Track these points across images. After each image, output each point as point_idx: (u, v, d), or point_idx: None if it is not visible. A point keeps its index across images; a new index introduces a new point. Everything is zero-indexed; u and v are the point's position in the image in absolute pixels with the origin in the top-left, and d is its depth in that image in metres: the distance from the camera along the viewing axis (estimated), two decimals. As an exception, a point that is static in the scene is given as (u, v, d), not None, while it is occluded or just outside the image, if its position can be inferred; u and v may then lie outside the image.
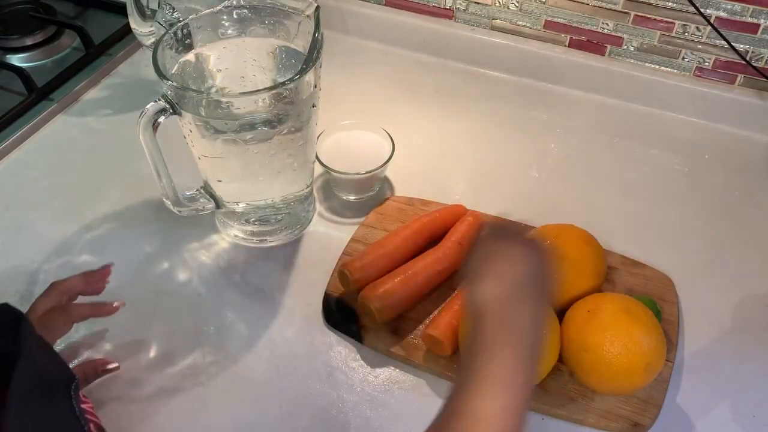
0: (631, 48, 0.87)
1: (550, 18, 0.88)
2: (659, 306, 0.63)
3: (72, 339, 0.63)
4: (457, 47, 0.93)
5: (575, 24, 0.88)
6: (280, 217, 0.72)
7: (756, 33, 0.80)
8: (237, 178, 0.67)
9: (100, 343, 0.63)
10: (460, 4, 0.92)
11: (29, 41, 0.92)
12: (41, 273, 0.69)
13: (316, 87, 0.63)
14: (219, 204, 0.69)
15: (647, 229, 0.74)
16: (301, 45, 0.65)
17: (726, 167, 0.81)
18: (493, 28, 0.92)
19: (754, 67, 0.82)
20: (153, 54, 0.60)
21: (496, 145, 0.84)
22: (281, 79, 0.64)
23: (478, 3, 0.91)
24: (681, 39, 0.84)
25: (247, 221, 0.71)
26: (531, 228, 0.66)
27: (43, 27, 0.94)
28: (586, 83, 0.90)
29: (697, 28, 0.82)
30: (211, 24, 0.65)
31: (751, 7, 0.78)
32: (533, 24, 0.90)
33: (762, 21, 0.79)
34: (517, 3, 0.89)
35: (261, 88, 0.59)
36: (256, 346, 0.64)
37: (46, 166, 0.80)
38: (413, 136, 0.83)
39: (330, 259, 0.69)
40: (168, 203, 0.66)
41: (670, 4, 0.81)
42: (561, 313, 0.60)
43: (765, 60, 0.82)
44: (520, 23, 0.90)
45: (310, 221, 0.74)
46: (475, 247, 0.48)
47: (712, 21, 0.80)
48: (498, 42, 0.91)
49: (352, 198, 0.76)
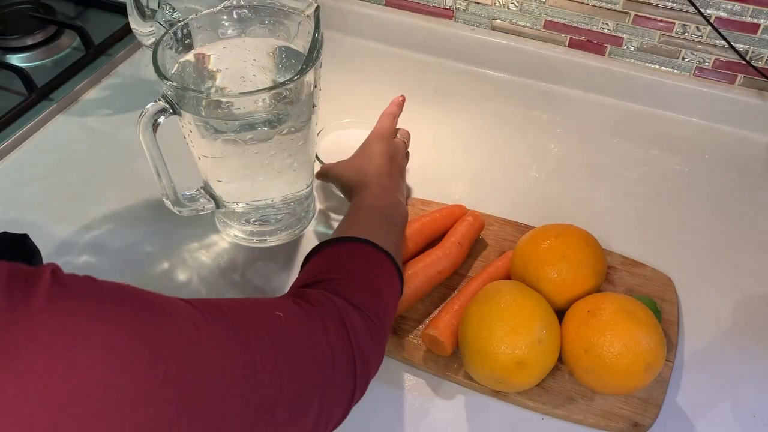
0: (631, 48, 0.87)
1: (550, 18, 0.88)
2: (659, 306, 0.63)
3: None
4: (457, 47, 0.93)
5: (575, 24, 0.88)
6: (280, 217, 0.72)
7: (756, 33, 0.80)
8: (237, 178, 0.67)
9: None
10: (460, 4, 0.92)
11: (29, 41, 0.92)
12: (41, 273, 0.69)
13: (316, 87, 0.63)
14: (219, 204, 0.69)
15: (647, 229, 0.74)
16: (301, 45, 0.65)
17: (726, 167, 0.81)
18: (493, 28, 0.92)
19: (754, 67, 0.82)
20: (153, 54, 0.60)
21: (496, 145, 0.84)
22: (281, 79, 0.64)
23: (478, 3, 0.91)
24: (681, 39, 0.84)
25: (247, 221, 0.71)
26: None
27: (43, 27, 0.94)
28: (586, 83, 0.90)
29: (697, 28, 0.82)
30: (211, 24, 0.65)
31: (751, 7, 0.78)
32: (533, 24, 0.90)
33: (762, 21, 0.79)
34: (517, 3, 0.89)
35: (261, 88, 0.59)
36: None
37: (46, 166, 0.80)
38: (413, 136, 0.83)
39: (330, 259, 0.69)
40: (168, 203, 0.66)
41: (670, 4, 0.81)
42: (561, 313, 0.60)
43: (765, 60, 0.82)
44: (520, 23, 0.90)
45: (310, 221, 0.74)
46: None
47: (712, 21, 0.80)
48: (498, 42, 0.91)
49: None
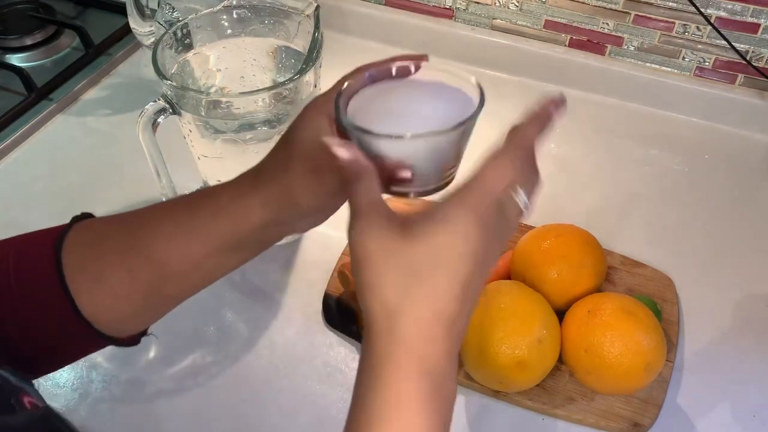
0: (632, 48, 0.87)
1: (550, 18, 0.88)
2: (659, 306, 0.63)
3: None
4: (458, 47, 0.93)
5: (575, 24, 0.87)
6: (279, 217, 0.71)
7: (756, 33, 0.80)
8: (237, 178, 0.67)
9: (99, 344, 0.63)
10: (460, 3, 0.91)
11: (29, 41, 0.92)
12: (41, 273, 0.69)
13: (315, 87, 0.63)
14: (219, 204, 0.69)
15: (647, 229, 0.74)
16: (301, 45, 0.65)
17: (726, 167, 0.81)
18: (493, 27, 0.92)
19: (754, 67, 0.82)
20: (152, 54, 0.60)
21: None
22: (281, 79, 0.64)
23: (478, 3, 0.91)
24: (681, 39, 0.84)
25: (247, 221, 0.71)
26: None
27: (43, 27, 0.93)
28: (586, 83, 0.90)
29: (698, 27, 0.82)
30: (211, 24, 0.65)
31: (752, 7, 0.78)
32: (533, 24, 0.90)
33: (762, 21, 0.79)
34: (517, 3, 0.89)
35: (261, 87, 0.58)
36: (255, 346, 0.64)
37: (45, 166, 0.80)
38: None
39: (330, 259, 0.69)
40: (167, 203, 0.66)
41: (670, 3, 0.81)
42: (561, 313, 0.60)
43: (765, 60, 0.82)
44: (520, 23, 0.90)
45: (309, 221, 0.74)
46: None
47: (712, 21, 0.80)
48: (498, 42, 0.91)
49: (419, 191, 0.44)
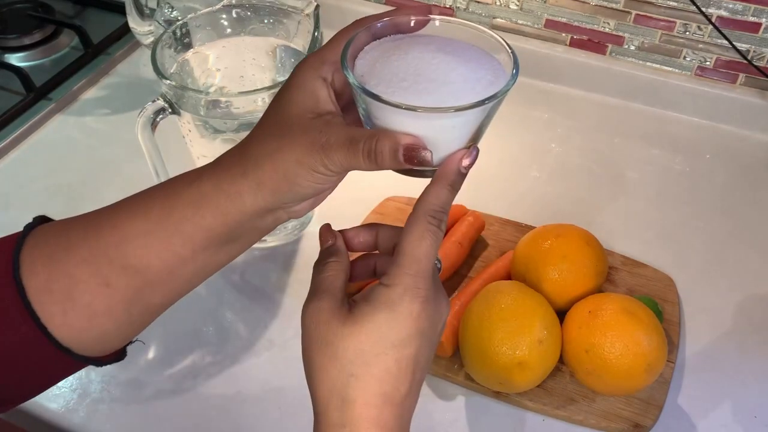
0: (632, 47, 0.87)
1: (550, 17, 0.88)
2: (660, 306, 0.63)
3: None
4: (458, 46, 0.93)
5: (576, 23, 0.87)
6: (279, 217, 0.71)
7: (757, 32, 0.80)
8: (236, 177, 0.67)
9: (98, 344, 0.63)
10: (460, 3, 0.91)
11: (27, 41, 0.92)
12: (39, 273, 0.68)
13: (315, 86, 0.62)
14: (218, 204, 0.68)
15: (648, 229, 0.74)
16: (301, 44, 0.64)
17: (727, 167, 0.81)
18: (494, 27, 0.92)
19: (755, 67, 0.82)
20: (152, 53, 0.59)
21: (496, 145, 0.83)
22: (281, 79, 0.64)
23: (478, 2, 0.90)
24: (682, 38, 0.83)
25: (247, 221, 0.71)
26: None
27: (42, 26, 0.93)
28: (587, 82, 0.89)
29: (699, 27, 0.82)
30: (210, 23, 0.65)
31: (753, 6, 0.78)
32: (534, 23, 0.89)
33: (763, 20, 0.78)
34: (518, 2, 0.88)
35: (260, 87, 0.58)
36: (255, 346, 0.63)
37: (44, 165, 0.80)
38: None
39: (330, 260, 0.69)
40: (167, 203, 0.66)
41: (671, 3, 0.81)
42: (562, 314, 0.60)
43: (766, 59, 0.82)
44: (520, 22, 0.90)
45: (310, 221, 0.74)
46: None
47: (713, 20, 0.80)
48: (498, 41, 0.91)
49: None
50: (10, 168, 0.80)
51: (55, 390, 0.60)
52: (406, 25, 0.39)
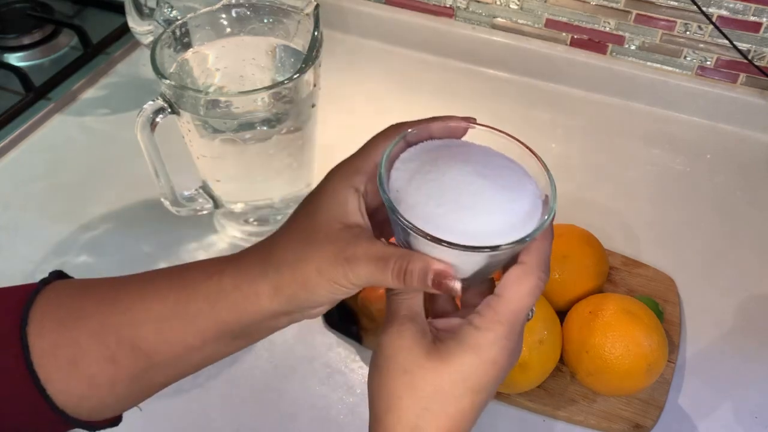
0: (633, 47, 0.86)
1: (551, 16, 0.88)
2: (661, 307, 0.63)
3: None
4: (458, 46, 0.93)
5: (576, 23, 0.87)
6: (279, 218, 0.71)
7: (758, 32, 0.79)
8: (236, 178, 0.67)
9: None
10: (460, 2, 0.91)
11: (27, 40, 0.92)
12: (38, 273, 0.68)
13: (315, 86, 0.62)
14: (218, 204, 0.68)
15: (649, 230, 0.74)
16: (301, 44, 0.64)
17: (728, 167, 0.81)
18: (494, 26, 0.92)
19: (756, 67, 0.81)
20: (151, 53, 0.59)
21: (496, 145, 0.83)
22: (280, 78, 0.64)
23: (478, 1, 0.90)
24: (683, 38, 0.83)
25: (246, 221, 0.71)
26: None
27: (41, 26, 0.93)
28: (587, 82, 0.89)
29: (699, 27, 0.82)
30: (210, 22, 0.65)
31: (754, 6, 0.78)
32: (534, 23, 0.89)
33: (764, 20, 0.78)
34: (518, 1, 0.88)
35: (260, 87, 0.58)
36: (255, 347, 0.63)
37: (43, 165, 0.80)
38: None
39: (329, 260, 0.69)
40: (166, 203, 0.66)
41: (671, 2, 0.81)
42: (562, 314, 0.60)
43: (767, 59, 0.81)
44: (521, 22, 0.90)
45: (309, 221, 0.74)
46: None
47: (714, 20, 0.80)
48: (499, 41, 0.91)
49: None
50: (9, 168, 0.80)
51: (55, 390, 0.60)
52: (444, 134, 0.39)
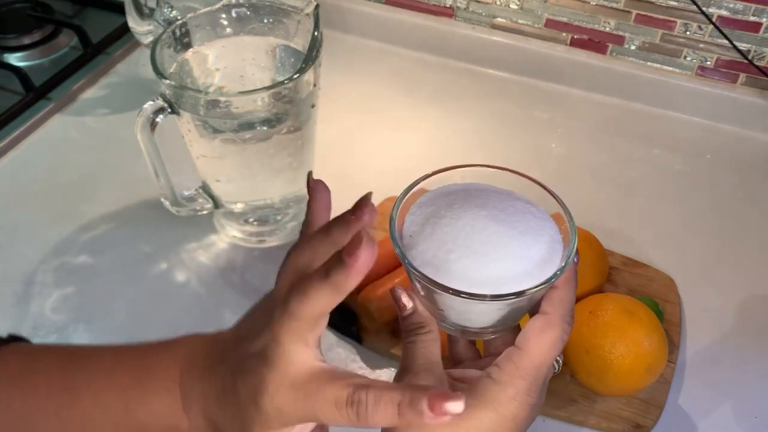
0: (633, 47, 0.86)
1: (551, 16, 0.88)
2: (661, 307, 0.63)
3: (70, 340, 0.62)
4: (458, 46, 0.93)
5: (576, 23, 0.87)
6: (279, 217, 0.71)
7: (758, 32, 0.79)
8: (236, 177, 0.67)
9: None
10: (460, 2, 0.91)
11: (27, 40, 0.92)
12: (38, 273, 0.68)
13: (315, 86, 0.62)
14: (217, 204, 0.68)
15: (649, 230, 0.74)
16: (301, 44, 0.64)
17: (728, 167, 0.81)
18: (494, 26, 0.92)
19: (756, 67, 0.81)
20: (151, 53, 0.59)
21: (496, 145, 0.83)
22: (280, 78, 0.64)
23: (478, 1, 0.90)
24: (683, 38, 0.83)
25: (246, 221, 0.71)
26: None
27: (41, 26, 0.93)
28: (587, 82, 0.89)
29: (699, 27, 0.82)
30: (210, 22, 0.65)
31: (754, 6, 0.78)
32: (534, 23, 0.89)
33: (764, 20, 0.78)
34: (518, 1, 0.88)
35: (260, 87, 0.58)
36: (255, 347, 0.63)
37: (43, 165, 0.80)
38: (413, 135, 0.83)
39: (329, 260, 0.69)
40: (166, 203, 0.66)
41: (671, 2, 0.81)
42: (562, 314, 0.60)
43: (767, 59, 0.81)
44: (521, 22, 0.90)
45: (309, 221, 0.74)
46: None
47: (714, 20, 0.80)
48: (499, 41, 0.91)
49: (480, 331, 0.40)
50: (8, 168, 0.80)
51: (54, 390, 0.60)
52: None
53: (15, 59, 0.90)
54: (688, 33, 0.83)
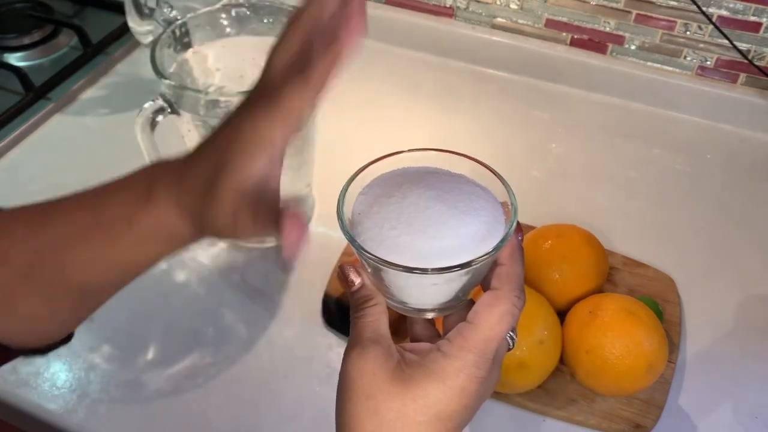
0: (633, 47, 0.86)
1: (551, 16, 0.88)
2: (661, 307, 0.63)
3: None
4: (458, 46, 0.93)
5: (576, 23, 0.87)
6: (279, 217, 0.71)
7: (758, 32, 0.79)
8: (236, 177, 0.67)
9: (98, 345, 0.63)
10: (460, 2, 0.91)
11: (27, 40, 0.92)
12: (38, 273, 0.68)
13: (315, 86, 0.62)
14: (218, 204, 0.68)
15: (649, 229, 0.74)
16: (301, 44, 0.64)
17: (728, 167, 0.81)
18: (494, 26, 0.92)
19: (756, 66, 0.81)
20: (151, 53, 0.59)
21: (496, 145, 0.83)
22: (280, 78, 0.63)
23: (478, 1, 0.90)
24: (683, 38, 0.83)
25: (246, 221, 0.71)
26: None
27: (41, 26, 0.93)
28: (587, 82, 0.89)
29: (699, 26, 0.82)
30: (210, 22, 0.65)
31: (754, 6, 0.78)
32: (534, 22, 0.89)
33: (764, 20, 0.78)
34: (518, 1, 0.88)
35: (260, 87, 0.58)
36: (255, 347, 0.63)
37: (43, 165, 0.80)
38: (414, 135, 0.83)
39: (330, 260, 0.69)
40: (166, 203, 0.66)
41: (671, 2, 0.81)
42: (562, 314, 0.60)
43: (767, 59, 0.81)
44: (521, 22, 0.90)
45: (309, 221, 0.74)
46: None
47: (714, 20, 0.80)
48: (499, 41, 0.91)
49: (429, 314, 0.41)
50: (8, 168, 0.80)
51: (54, 391, 0.60)
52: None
53: (15, 59, 0.91)
54: (688, 33, 0.83)
